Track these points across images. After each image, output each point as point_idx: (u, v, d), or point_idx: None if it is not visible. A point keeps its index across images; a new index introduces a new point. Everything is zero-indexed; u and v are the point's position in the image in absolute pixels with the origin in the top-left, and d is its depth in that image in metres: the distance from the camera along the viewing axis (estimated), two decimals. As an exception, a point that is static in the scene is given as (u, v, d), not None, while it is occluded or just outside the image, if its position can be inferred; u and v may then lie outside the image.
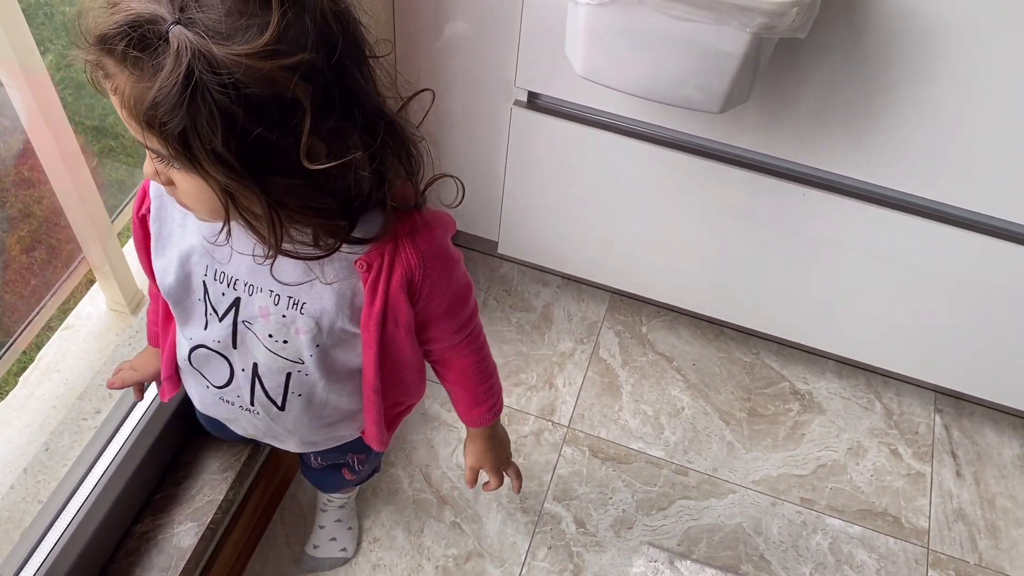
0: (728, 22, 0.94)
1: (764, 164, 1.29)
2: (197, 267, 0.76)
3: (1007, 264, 1.26)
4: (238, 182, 0.60)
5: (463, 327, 0.85)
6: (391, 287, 0.73)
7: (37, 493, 1.06)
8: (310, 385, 0.81)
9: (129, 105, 0.58)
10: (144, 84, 0.56)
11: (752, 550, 1.39)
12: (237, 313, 0.76)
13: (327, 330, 0.76)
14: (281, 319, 0.75)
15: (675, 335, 1.65)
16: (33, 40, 0.96)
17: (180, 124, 0.56)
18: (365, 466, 1.11)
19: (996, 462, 1.52)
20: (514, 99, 1.33)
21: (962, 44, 1.04)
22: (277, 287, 0.74)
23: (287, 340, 0.77)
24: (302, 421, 0.86)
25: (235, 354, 0.80)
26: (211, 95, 0.55)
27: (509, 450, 1.02)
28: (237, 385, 0.83)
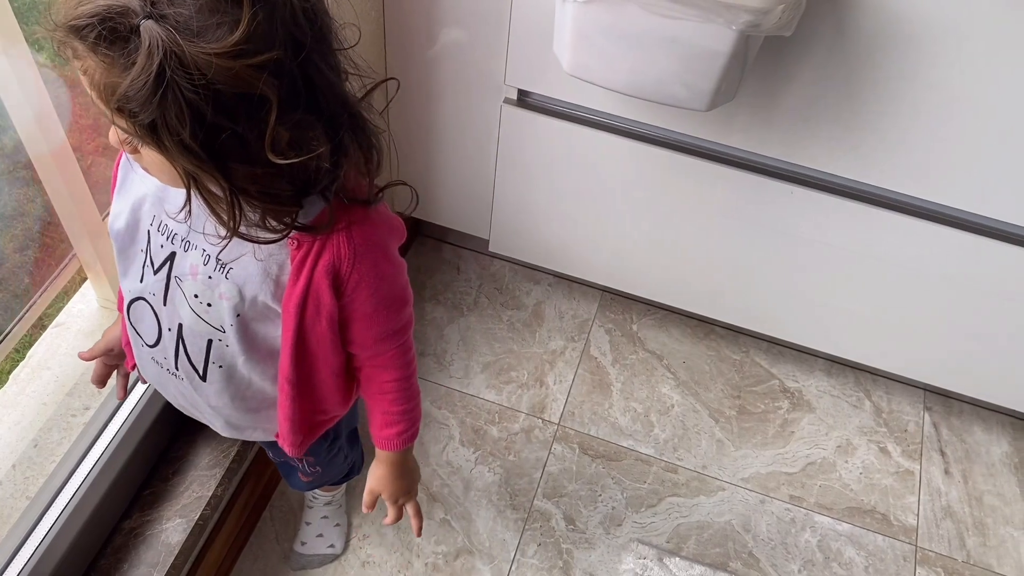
0: (714, 20, 0.94)
1: (752, 162, 1.29)
2: (146, 215, 0.77)
3: (995, 262, 1.26)
4: (202, 168, 0.61)
5: (388, 338, 0.82)
6: (316, 270, 0.73)
7: (26, 489, 1.07)
8: (231, 357, 0.81)
9: (99, 89, 0.59)
10: (115, 75, 0.57)
11: (741, 547, 1.40)
12: (171, 268, 0.77)
13: (249, 300, 0.76)
14: (207, 280, 0.76)
15: (665, 333, 1.65)
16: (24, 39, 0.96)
17: (149, 116, 0.57)
18: (316, 470, 1.08)
19: (984, 460, 1.53)
20: (504, 97, 1.33)
21: (948, 42, 1.04)
22: (210, 248, 0.74)
23: (211, 303, 0.77)
24: (223, 397, 0.85)
25: (164, 311, 0.80)
26: (181, 92, 0.56)
27: (415, 485, 0.98)
28: (164, 345, 0.83)
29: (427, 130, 1.44)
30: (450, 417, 1.49)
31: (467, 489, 1.42)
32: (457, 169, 1.50)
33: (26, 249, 1.33)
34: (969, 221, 1.24)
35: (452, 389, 1.53)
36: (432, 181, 1.53)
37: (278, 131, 0.60)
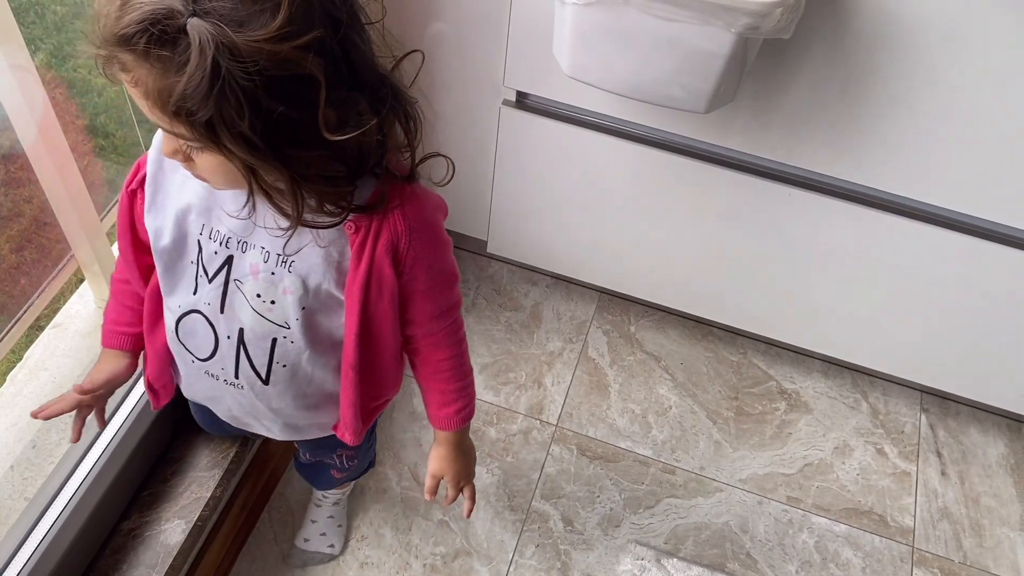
0: (713, 22, 0.95)
1: (750, 164, 1.30)
2: (193, 226, 0.77)
3: (992, 265, 1.27)
4: (262, 159, 0.62)
5: (444, 314, 0.84)
6: (377, 251, 0.74)
7: (24, 490, 1.07)
8: (295, 354, 0.81)
9: (154, 98, 0.60)
10: (170, 78, 0.58)
11: (739, 548, 1.40)
12: (229, 272, 0.77)
13: (313, 291, 0.77)
14: (270, 276, 0.76)
15: (663, 334, 1.66)
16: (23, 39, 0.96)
17: (208, 113, 0.58)
18: (353, 463, 1.10)
19: (981, 461, 1.54)
20: (503, 98, 1.33)
21: (947, 45, 1.05)
22: (269, 244, 0.75)
23: (274, 300, 0.77)
24: (285, 398, 0.85)
25: (222, 319, 0.80)
26: (236, 83, 0.57)
27: (474, 465, 0.99)
28: (222, 355, 0.82)
29: (425, 131, 1.44)
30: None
31: (465, 490, 1.42)
32: (456, 170, 1.50)
33: (23, 250, 1.32)
34: (966, 223, 1.25)
35: (450, 390, 1.53)
36: (430, 182, 1.53)
37: (327, 111, 0.62)
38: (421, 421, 1.49)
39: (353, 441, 0.90)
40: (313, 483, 1.25)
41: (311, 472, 1.17)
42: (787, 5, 0.93)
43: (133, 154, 1.46)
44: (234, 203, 0.74)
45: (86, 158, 1.47)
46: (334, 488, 1.26)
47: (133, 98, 0.63)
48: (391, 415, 1.49)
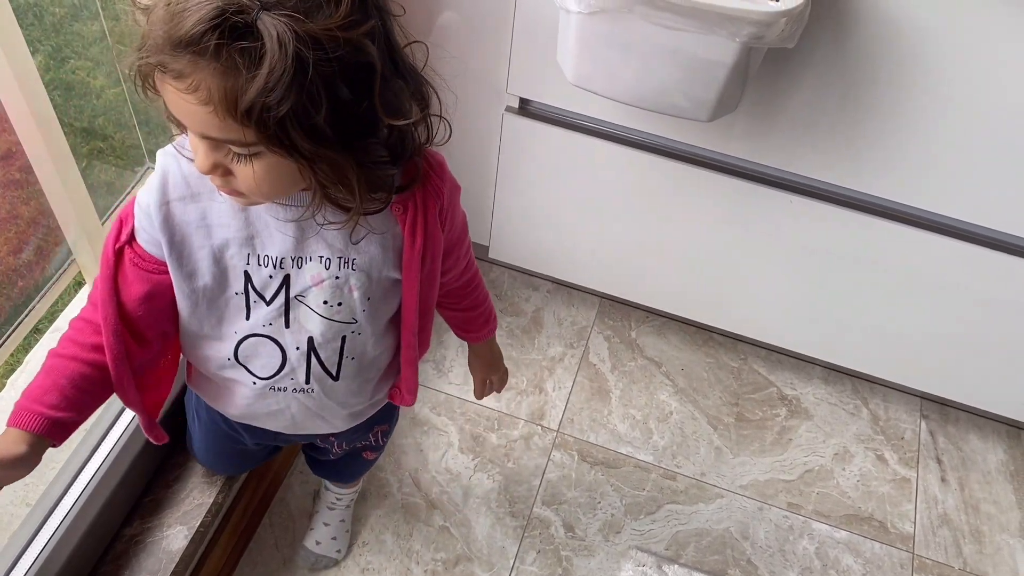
0: (717, 32, 0.95)
1: (752, 172, 1.30)
2: (236, 259, 0.75)
3: (992, 272, 1.27)
4: (330, 151, 0.63)
5: (469, 249, 0.92)
6: (428, 222, 0.76)
7: (26, 496, 1.06)
8: (362, 345, 0.83)
9: (220, 100, 0.59)
10: (241, 77, 0.57)
11: (739, 554, 1.40)
12: (288, 290, 0.77)
13: (376, 280, 0.78)
14: (335, 281, 0.77)
15: (664, 340, 1.66)
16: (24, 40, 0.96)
17: (285, 107, 0.58)
18: (386, 439, 1.11)
19: (981, 468, 1.54)
20: (505, 105, 1.34)
21: (949, 54, 1.05)
22: (327, 251, 0.75)
23: (341, 302, 0.78)
24: (353, 386, 0.87)
25: (287, 333, 0.79)
26: (318, 72, 0.58)
27: (502, 356, 1.10)
28: (291, 367, 0.82)
29: (428, 137, 1.44)
30: (449, 424, 1.49)
31: (466, 496, 1.42)
32: (458, 175, 1.49)
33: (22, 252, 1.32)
34: (967, 231, 1.25)
35: (451, 396, 1.53)
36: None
37: (383, 96, 0.64)
38: (422, 427, 1.49)
39: (412, 401, 0.93)
40: (343, 477, 1.25)
41: (340, 466, 1.16)
42: (792, 15, 0.93)
43: (132, 156, 1.46)
44: (283, 215, 0.73)
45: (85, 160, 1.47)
46: (362, 476, 1.28)
47: (181, 110, 0.61)
48: (392, 420, 1.49)
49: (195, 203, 0.73)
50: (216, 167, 0.64)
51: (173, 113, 0.63)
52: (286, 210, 0.73)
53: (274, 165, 0.64)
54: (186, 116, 0.62)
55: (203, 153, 0.64)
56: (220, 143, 0.63)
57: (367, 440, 1.08)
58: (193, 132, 0.63)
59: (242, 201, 0.71)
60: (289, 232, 0.74)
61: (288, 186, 0.67)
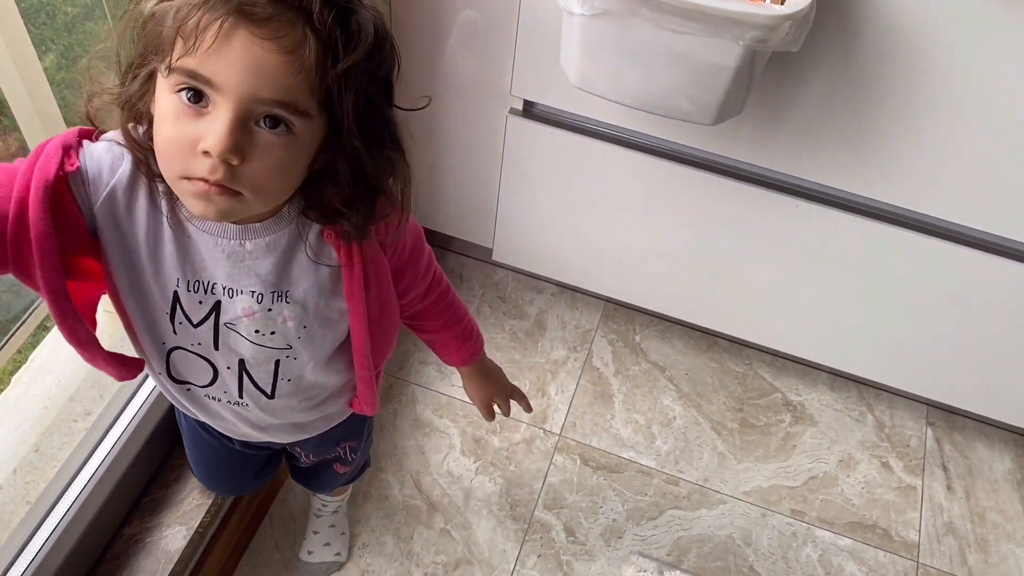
0: (721, 35, 0.94)
1: (757, 176, 1.29)
2: (169, 279, 0.71)
3: (999, 279, 1.26)
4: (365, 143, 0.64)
5: (428, 268, 0.87)
6: (364, 247, 0.73)
7: (26, 494, 1.06)
8: (299, 368, 0.80)
9: (317, 52, 0.58)
10: (342, 37, 0.58)
11: (742, 561, 1.39)
12: (218, 317, 0.74)
13: (313, 310, 0.75)
14: (267, 313, 0.74)
15: (668, 345, 1.65)
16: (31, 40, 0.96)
17: (365, 80, 0.60)
18: (356, 455, 1.09)
19: (987, 476, 1.53)
20: (509, 107, 1.33)
21: (955, 58, 1.04)
22: (259, 286, 0.72)
23: (274, 331, 0.76)
24: (290, 405, 0.84)
25: (218, 355, 0.77)
26: (392, 42, 0.62)
27: (505, 376, 1.05)
28: (223, 381, 0.80)
29: (432, 139, 1.44)
30: (451, 426, 1.49)
31: (467, 499, 1.41)
32: (462, 178, 1.50)
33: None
34: (973, 237, 1.24)
35: (453, 398, 1.53)
36: (437, 189, 1.53)
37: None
38: (424, 429, 1.48)
39: (373, 411, 0.91)
40: (314, 487, 1.23)
41: (311, 475, 1.15)
42: (796, 19, 0.93)
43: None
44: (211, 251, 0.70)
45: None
46: (336, 488, 1.24)
47: (234, 64, 0.56)
48: (394, 423, 1.48)
49: (138, 207, 0.68)
50: (236, 149, 0.58)
51: (205, 73, 0.57)
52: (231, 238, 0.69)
53: (296, 149, 0.61)
54: (240, 70, 0.57)
55: (229, 128, 0.58)
56: (256, 114, 0.59)
57: (335, 453, 1.06)
58: (232, 96, 0.57)
59: (223, 208, 0.62)
60: (221, 262, 0.71)
61: (290, 182, 0.65)
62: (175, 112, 0.59)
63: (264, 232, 0.70)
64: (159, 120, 0.61)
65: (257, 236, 0.70)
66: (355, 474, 1.19)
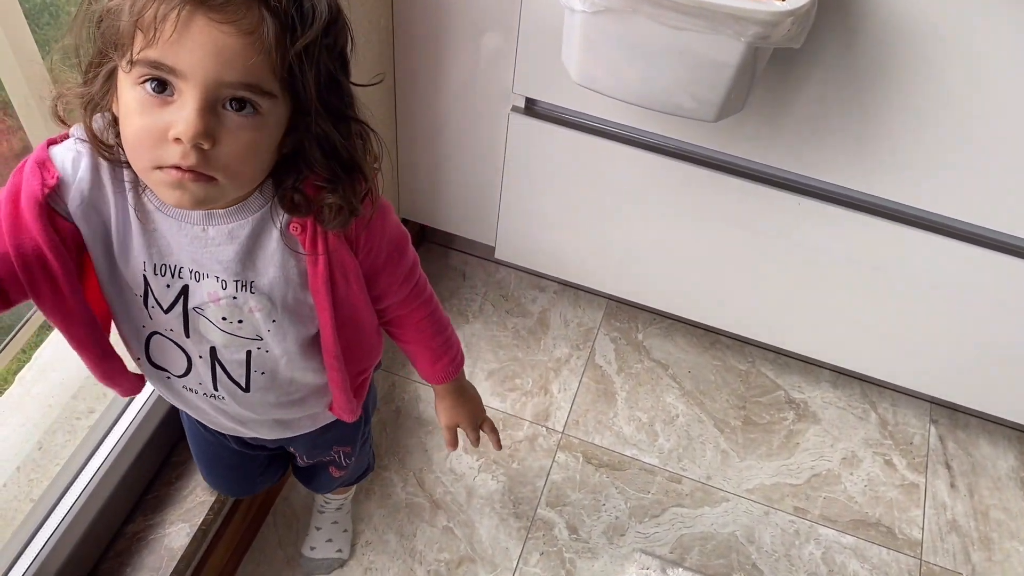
0: (723, 32, 0.94)
1: (759, 173, 1.29)
2: (136, 262, 0.71)
3: (1004, 275, 1.26)
4: (329, 116, 0.65)
5: (408, 277, 0.84)
6: (330, 242, 0.72)
7: (29, 492, 1.07)
8: (272, 362, 0.79)
9: (275, 33, 0.59)
10: (296, 16, 0.59)
11: (744, 559, 1.39)
12: (186, 301, 0.74)
13: (280, 303, 0.74)
14: (232, 301, 0.73)
15: (671, 342, 1.65)
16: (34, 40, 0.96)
17: (325, 57, 0.62)
18: (351, 460, 1.08)
19: (990, 474, 1.52)
20: (511, 105, 1.33)
21: (958, 55, 1.04)
22: (222, 272, 0.71)
23: (242, 320, 0.75)
24: (268, 398, 0.83)
25: (189, 342, 0.77)
26: (342, 34, 0.62)
27: (482, 405, 1.01)
28: (197, 372, 0.80)
29: (434, 136, 1.44)
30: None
31: (470, 497, 1.41)
32: (464, 176, 1.50)
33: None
34: (977, 234, 1.24)
35: (456, 396, 1.53)
36: (439, 187, 1.53)
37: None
38: (427, 427, 1.48)
39: (351, 418, 0.90)
40: (312, 486, 1.22)
41: (309, 475, 1.16)
42: (798, 15, 0.92)
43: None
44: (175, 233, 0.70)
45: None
46: (334, 489, 1.24)
47: (196, 49, 0.57)
48: (397, 421, 1.49)
49: (104, 199, 0.69)
50: (207, 133, 0.59)
51: (168, 62, 0.58)
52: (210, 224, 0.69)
53: (264, 130, 0.62)
54: (202, 56, 0.57)
55: (197, 113, 0.58)
56: (221, 97, 0.59)
57: (329, 456, 1.05)
58: (196, 82, 0.58)
59: (198, 194, 0.63)
60: (186, 246, 0.70)
61: (261, 164, 0.65)
62: (140, 104, 0.60)
63: (227, 219, 0.70)
64: (125, 114, 0.62)
65: (220, 222, 0.70)
66: (355, 477, 1.19)
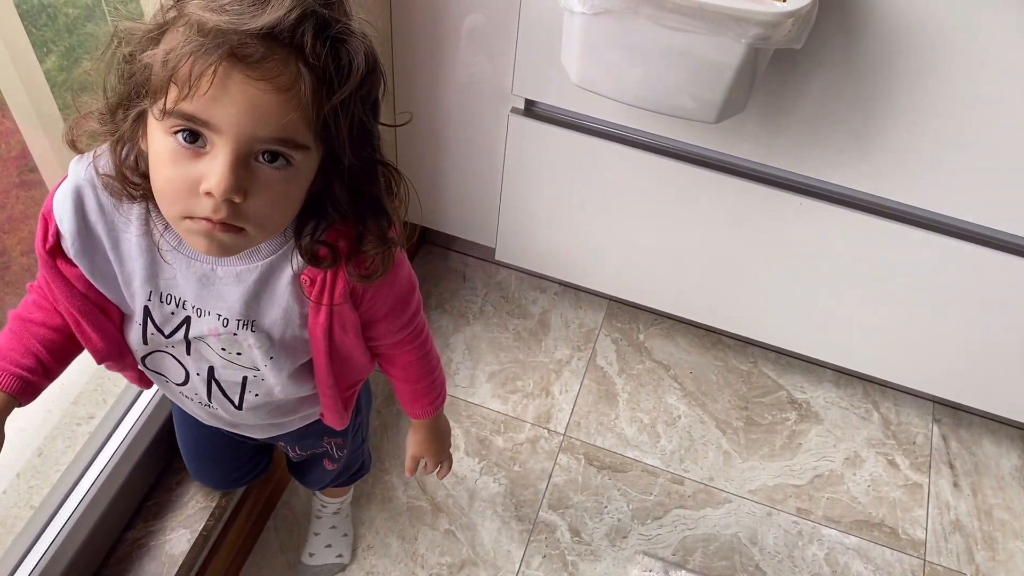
0: (723, 33, 0.94)
1: (760, 173, 1.28)
2: (139, 293, 0.73)
3: (1005, 275, 1.25)
4: (365, 159, 0.65)
5: (406, 325, 0.84)
6: (335, 300, 0.73)
7: (30, 498, 1.06)
8: (267, 388, 0.81)
9: (311, 88, 0.58)
10: (333, 68, 0.58)
11: (748, 560, 1.39)
12: (188, 330, 0.75)
13: (279, 341, 0.75)
14: (232, 337, 0.75)
15: (672, 343, 1.64)
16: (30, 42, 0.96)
17: (359, 109, 0.61)
18: (343, 451, 1.08)
19: (994, 473, 1.52)
20: (511, 107, 1.33)
21: (958, 55, 1.03)
22: (225, 311, 0.73)
23: (240, 352, 0.76)
24: (259, 415, 0.86)
25: (189, 359, 0.79)
26: (379, 67, 0.62)
27: (449, 440, 1.03)
28: (193, 385, 0.82)
29: (434, 138, 1.44)
30: (455, 427, 1.49)
31: (472, 499, 1.41)
32: (464, 177, 1.50)
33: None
34: (978, 233, 1.23)
35: (457, 398, 1.52)
36: (439, 189, 1.53)
37: None
38: (428, 429, 1.48)
39: (341, 426, 0.91)
40: (306, 482, 1.21)
41: (302, 470, 1.16)
42: (798, 16, 0.92)
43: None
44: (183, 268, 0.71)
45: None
46: (330, 485, 1.22)
47: (232, 106, 0.56)
48: (398, 424, 1.48)
49: (109, 230, 0.70)
50: (238, 188, 0.59)
51: (202, 116, 0.57)
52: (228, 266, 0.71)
53: (296, 181, 0.62)
54: (237, 112, 0.57)
55: (230, 168, 0.58)
56: (255, 151, 0.59)
57: (322, 448, 1.06)
58: (231, 137, 0.58)
59: (227, 244, 0.63)
60: (192, 283, 0.71)
61: (291, 213, 0.66)
62: (172, 153, 0.60)
63: (237, 262, 0.71)
64: (155, 162, 0.61)
65: (229, 264, 0.71)
66: (350, 475, 1.19)
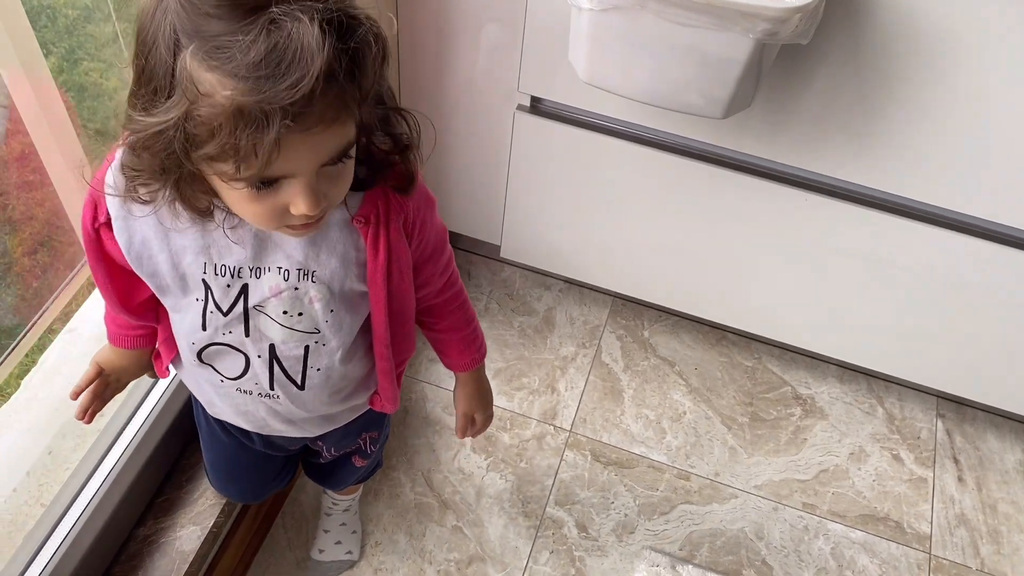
0: (731, 28, 0.94)
1: (766, 169, 1.29)
2: (193, 267, 0.74)
3: (1009, 269, 1.26)
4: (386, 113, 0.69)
5: (447, 267, 0.88)
6: (391, 236, 0.75)
7: (40, 496, 1.07)
8: (328, 356, 0.81)
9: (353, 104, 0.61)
10: (362, 77, 0.60)
11: (754, 555, 1.39)
12: (247, 300, 0.76)
13: (338, 293, 0.77)
14: (294, 292, 0.76)
15: (677, 339, 1.65)
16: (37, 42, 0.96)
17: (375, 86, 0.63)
18: (376, 446, 1.10)
19: (998, 467, 1.52)
20: (517, 104, 1.33)
21: (964, 50, 1.04)
22: (285, 262, 0.74)
23: (302, 312, 0.77)
24: (321, 396, 0.86)
25: (248, 342, 0.79)
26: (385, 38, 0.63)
27: (492, 398, 1.06)
28: (254, 372, 0.82)
29: (440, 136, 1.44)
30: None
31: (479, 496, 1.41)
32: (469, 175, 1.50)
33: (37, 253, 1.33)
34: (982, 228, 1.24)
35: (463, 395, 1.52)
36: (444, 186, 1.53)
37: None
38: (434, 427, 1.48)
39: (393, 408, 0.93)
40: (329, 483, 1.22)
41: (328, 472, 1.16)
42: (806, 11, 0.92)
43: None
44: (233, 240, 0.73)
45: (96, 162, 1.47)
46: (354, 483, 1.24)
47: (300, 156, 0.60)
48: (404, 421, 1.48)
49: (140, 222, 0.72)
50: (322, 198, 0.64)
51: (270, 174, 0.60)
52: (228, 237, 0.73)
53: (352, 160, 0.66)
54: (300, 161, 0.60)
55: (311, 192, 0.63)
56: (325, 162, 0.63)
57: (356, 445, 1.07)
58: (301, 174, 0.62)
59: (317, 227, 0.70)
60: (247, 242, 0.73)
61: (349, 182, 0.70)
62: (248, 197, 0.63)
63: None
64: (231, 199, 0.65)
65: None
66: (368, 471, 1.19)
